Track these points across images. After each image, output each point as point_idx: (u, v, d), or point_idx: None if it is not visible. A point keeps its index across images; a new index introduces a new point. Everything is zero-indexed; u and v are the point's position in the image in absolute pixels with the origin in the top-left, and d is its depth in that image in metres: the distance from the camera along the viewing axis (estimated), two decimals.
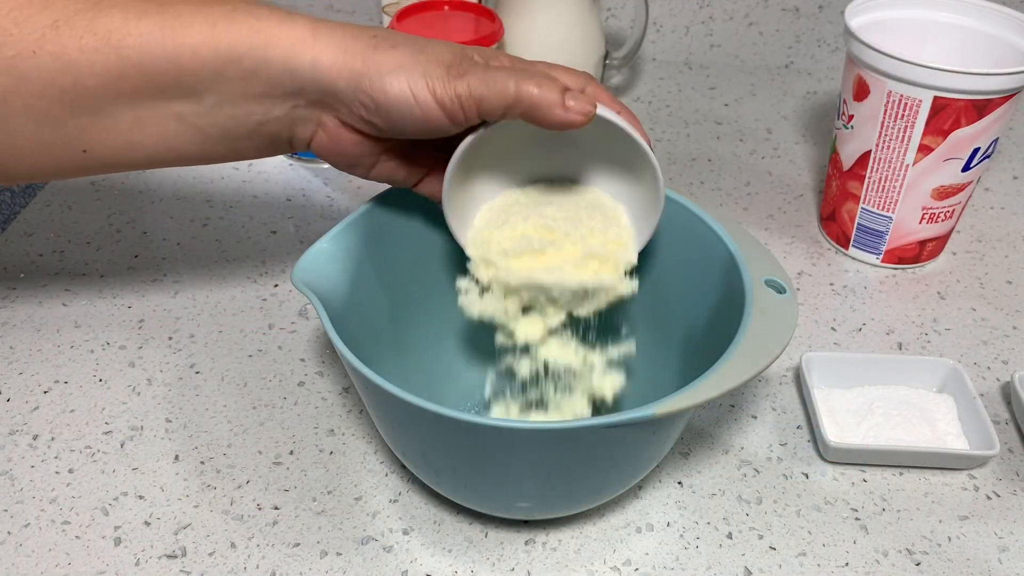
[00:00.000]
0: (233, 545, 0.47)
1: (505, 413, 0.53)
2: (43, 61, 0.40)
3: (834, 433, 0.53)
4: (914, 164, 0.62)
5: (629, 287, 0.47)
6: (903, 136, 0.61)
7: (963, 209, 0.66)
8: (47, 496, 0.49)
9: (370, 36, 0.42)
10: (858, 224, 0.67)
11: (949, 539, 0.48)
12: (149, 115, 0.43)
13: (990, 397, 0.57)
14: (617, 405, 0.54)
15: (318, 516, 0.48)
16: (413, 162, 0.47)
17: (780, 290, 0.44)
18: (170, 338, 0.59)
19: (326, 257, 0.47)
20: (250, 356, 0.58)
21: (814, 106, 0.88)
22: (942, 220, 0.65)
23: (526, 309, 0.48)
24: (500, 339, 0.49)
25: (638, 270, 0.53)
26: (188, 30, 0.41)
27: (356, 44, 0.42)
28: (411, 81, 0.41)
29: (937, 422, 0.53)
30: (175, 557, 0.46)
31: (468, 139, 0.43)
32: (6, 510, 0.48)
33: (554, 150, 0.48)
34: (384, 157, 0.46)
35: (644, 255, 0.52)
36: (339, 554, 0.47)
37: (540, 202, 0.48)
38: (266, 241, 0.68)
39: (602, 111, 0.42)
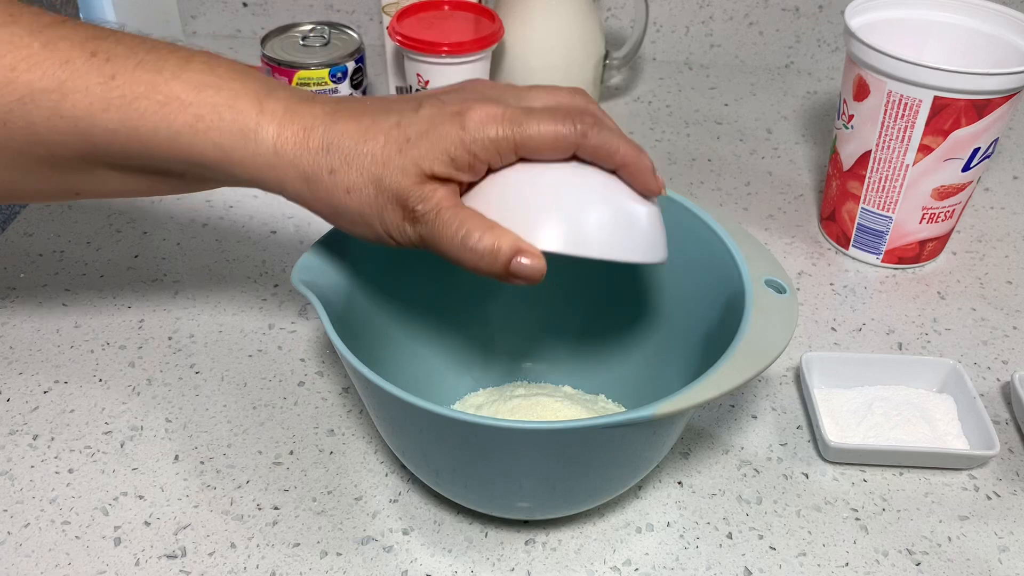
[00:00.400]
0: (233, 545, 0.47)
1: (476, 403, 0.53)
2: (15, 132, 0.41)
3: (834, 433, 0.53)
4: (914, 164, 0.62)
5: None
6: (903, 136, 0.61)
7: (963, 209, 0.66)
8: (47, 496, 0.49)
9: (324, 154, 0.40)
10: (858, 224, 0.67)
11: (949, 539, 0.48)
12: (134, 178, 0.44)
13: (990, 397, 0.57)
14: (617, 405, 0.54)
15: (318, 516, 0.48)
16: None
17: (780, 290, 0.44)
18: (170, 338, 0.59)
19: (326, 257, 0.47)
20: (250, 356, 0.58)
21: (814, 106, 0.88)
22: (942, 220, 0.65)
23: None
24: None
25: (638, 269, 0.53)
26: (154, 137, 0.41)
27: (314, 166, 0.41)
28: (369, 227, 0.42)
29: (937, 422, 0.53)
30: (175, 557, 0.46)
31: None
32: (6, 510, 0.48)
33: None
34: None
35: None
36: (339, 554, 0.47)
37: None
38: (266, 241, 0.68)
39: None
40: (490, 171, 0.41)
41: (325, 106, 0.41)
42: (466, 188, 0.41)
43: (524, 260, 0.40)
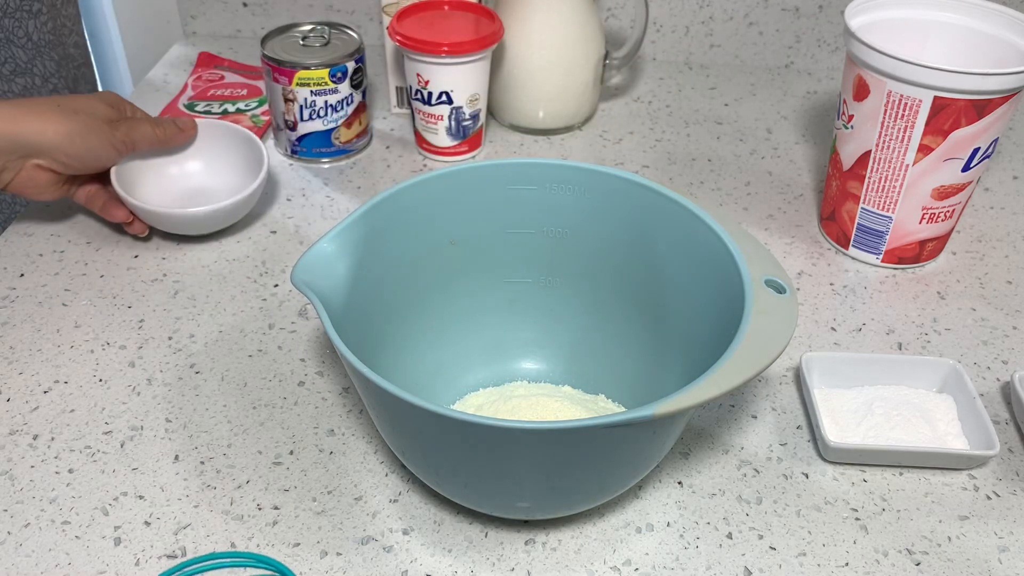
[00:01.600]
0: (233, 545, 0.47)
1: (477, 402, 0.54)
2: None
3: (834, 433, 0.53)
4: (914, 164, 0.62)
5: None
6: (903, 136, 0.61)
7: (963, 209, 0.66)
8: (47, 496, 0.49)
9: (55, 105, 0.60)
10: (858, 224, 0.67)
11: (949, 539, 0.48)
12: None
13: (990, 397, 0.57)
14: (617, 405, 0.54)
15: (318, 516, 0.48)
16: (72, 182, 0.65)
17: (780, 290, 0.44)
18: (170, 338, 0.59)
19: (326, 257, 0.47)
20: (250, 356, 0.58)
21: (814, 106, 0.88)
22: (942, 220, 0.65)
23: None
24: None
25: (638, 269, 0.53)
26: None
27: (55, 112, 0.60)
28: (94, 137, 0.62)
29: (937, 422, 0.53)
30: (175, 557, 0.46)
31: None
32: (6, 510, 0.48)
33: None
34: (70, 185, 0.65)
35: (644, 255, 0.52)
36: (339, 554, 0.47)
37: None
38: (266, 241, 0.68)
39: None
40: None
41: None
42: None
43: (115, 208, 0.65)
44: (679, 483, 0.51)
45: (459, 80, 0.73)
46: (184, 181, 0.70)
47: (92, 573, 0.45)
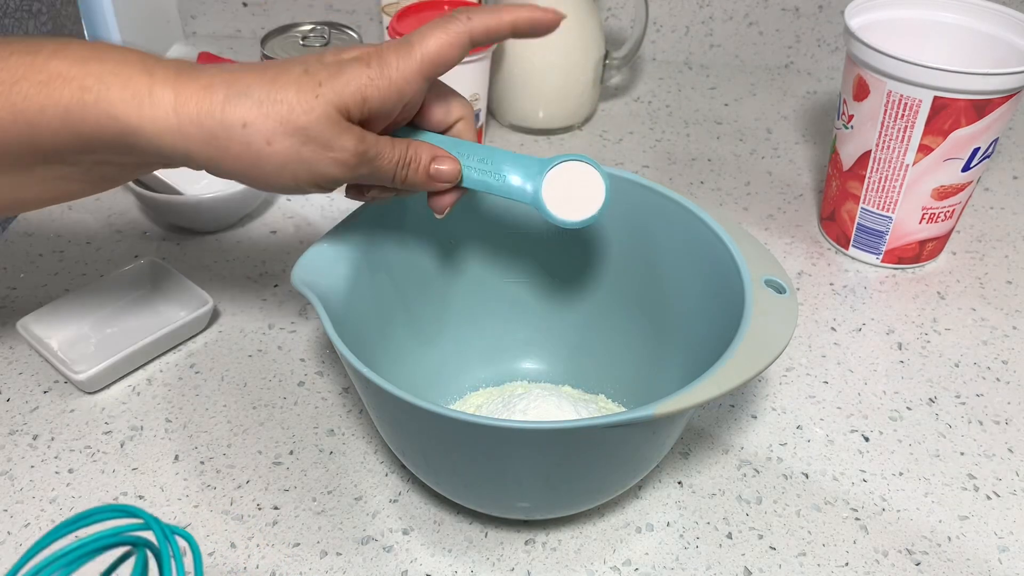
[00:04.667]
0: (233, 545, 0.47)
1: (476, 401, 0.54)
2: None
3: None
4: (914, 164, 0.62)
5: None
6: (903, 136, 0.61)
7: (963, 209, 0.66)
8: (47, 496, 0.49)
9: (233, 107, 0.39)
10: (858, 224, 0.67)
11: (949, 539, 0.48)
12: (26, 180, 0.42)
13: (990, 397, 0.57)
14: (617, 405, 0.54)
15: (318, 516, 0.48)
16: None
17: (780, 290, 0.44)
18: None
19: (326, 257, 0.47)
20: (250, 356, 0.58)
21: (814, 106, 0.88)
22: (942, 220, 0.65)
23: None
24: None
25: (638, 269, 0.53)
26: (42, 117, 0.39)
27: (223, 121, 0.39)
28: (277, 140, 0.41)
29: None
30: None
31: None
32: (6, 510, 0.48)
33: None
34: None
35: (644, 254, 0.52)
36: (339, 554, 0.47)
37: None
38: (266, 241, 0.68)
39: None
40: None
41: (219, 67, 0.41)
42: None
43: (440, 166, 0.44)
44: (679, 483, 0.51)
45: (459, 80, 0.73)
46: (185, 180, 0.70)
47: (92, 573, 0.45)
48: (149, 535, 0.30)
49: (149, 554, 0.30)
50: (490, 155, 0.45)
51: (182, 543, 0.40)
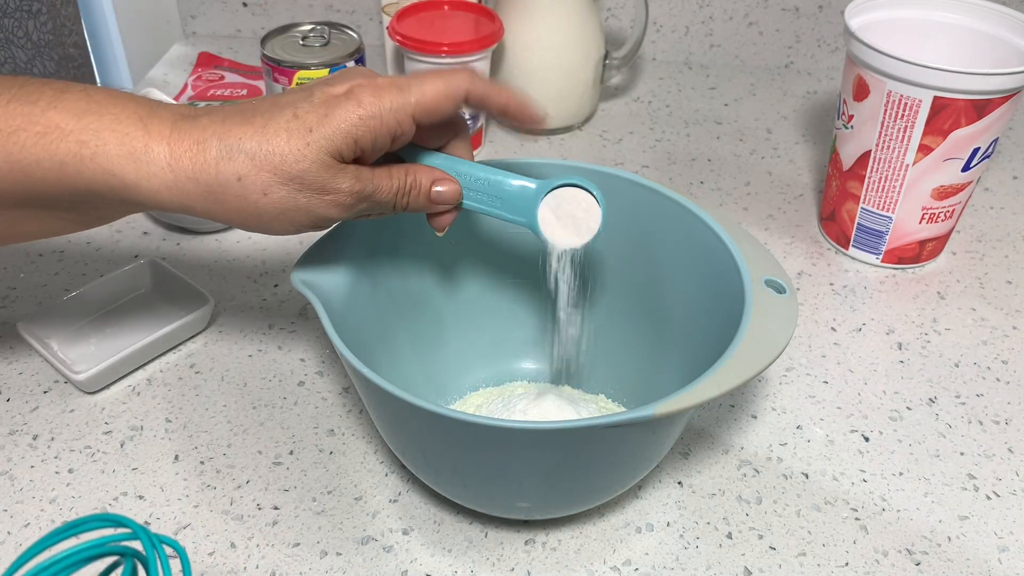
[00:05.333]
0: (233, 545, 0.47)
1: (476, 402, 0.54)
2: None
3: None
4: (914, 164, 0.62)
5: None
6: (903, 136, 0.61)
7: (963, 209, 0.66)
8: (47, 496, 0.49)
9: (226, 162, 0.39)
10: (858, 224, 0.67)
11: (949, 539, 0.48)
12: (21, 217, 0.42)
13: (989, 397, 0.57)
14: (617, 405, 0.54)
15: (318, 516, 0.48)
16: None
17: (780, 290, 0.44)
18: None
19: (326, 257, 0.47)
20: (250, 356, 0.58)
21: (814, 106, 0.88)
22: (942, 220, 0.65)
23: None
24: None
25: (638, 269, 0.53)
26: (38, 169, 0.39)
27: (218, 176, 0.40)
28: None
29: None
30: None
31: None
32: (6, 510, 0.48)
33: None
34: None
35: (644, 255, 0.52)
36: (339, 554, 0.47)
37: None
38: (266, 241, 0.68)
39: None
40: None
41: (212, 116, 0.40)
42: None
43: (440, 188, 0.44)
44: (679, 483, 0.51)
45: None
46: None
47: (92, 573, 0.45)
48: (138, 544, 0.30)
49: (138, 564, 0.30)
50: (489, 176, 0.46)
51: (171, 553, 0.40)
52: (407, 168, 0.44)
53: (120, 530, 0.29)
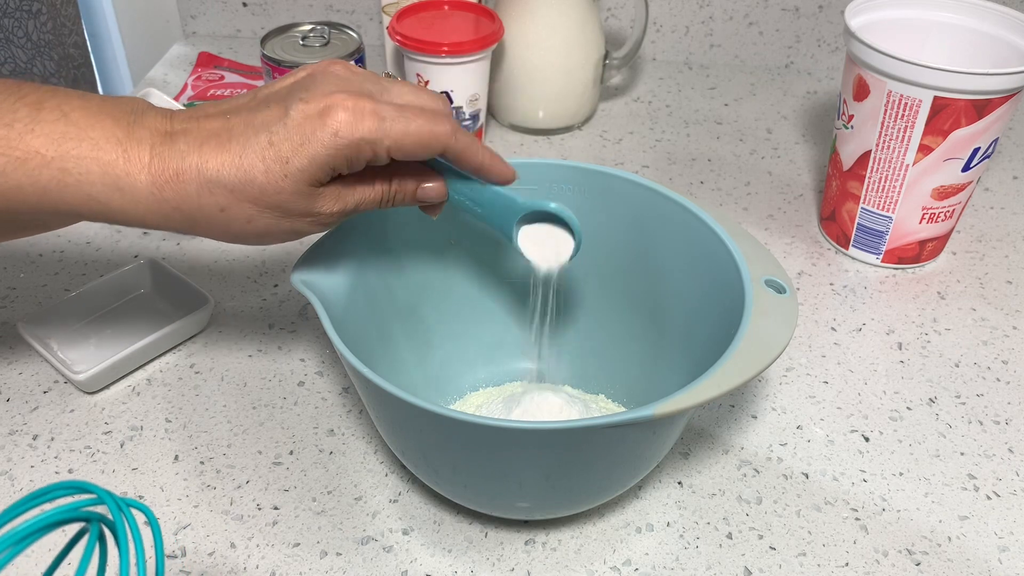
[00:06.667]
0: (233, 545, 0.47)
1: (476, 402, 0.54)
2: None
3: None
4: (914, 164, 0.62)
5: None
6: (903, 136, 0.61)
7: (963, 209, 0.66)
8: None
9: (208, 195, 0.40)
10: (858, 224, 0.67)
11: (949, 539, 0.48)
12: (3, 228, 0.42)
13: (989, 397, 0.57)
14: (617, 405, 0.54)
15: (318, 516, 0.48)
16: None
17: (780, 290, 0.44)
18: None
19: (326, 257, 0.47)
20: (250, 356, 0.58)
21: (814, 106, 0.88)
22: (942, 220, 0.65)
23: None
24: None
25: (638, 269, 0.53)
26: (20, 194, 0.39)
27: (201, 208, 0.40)
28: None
29: None
30: (175, 557, 0.46)
31: None
32: None
33: None
34: None
35: (644, 254, 0.52)
36: (339, 554, 0.47)
37: None
38: None
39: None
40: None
41: (189, 139, 0.40)
42: None
43: (426, 185, 0.44)
44: (679, 483, 0.51)
45: (459, 80, 0.73)
46: None
47: (92, 573, 0.45)
48: (104, 509, 0.29)
49: (106, 530, 0.30)
50: (477, 191, 0.45)
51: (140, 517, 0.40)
52: (391, 174, 0.43)
53: (86, 496, 0.29)
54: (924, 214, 0.64)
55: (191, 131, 0.40)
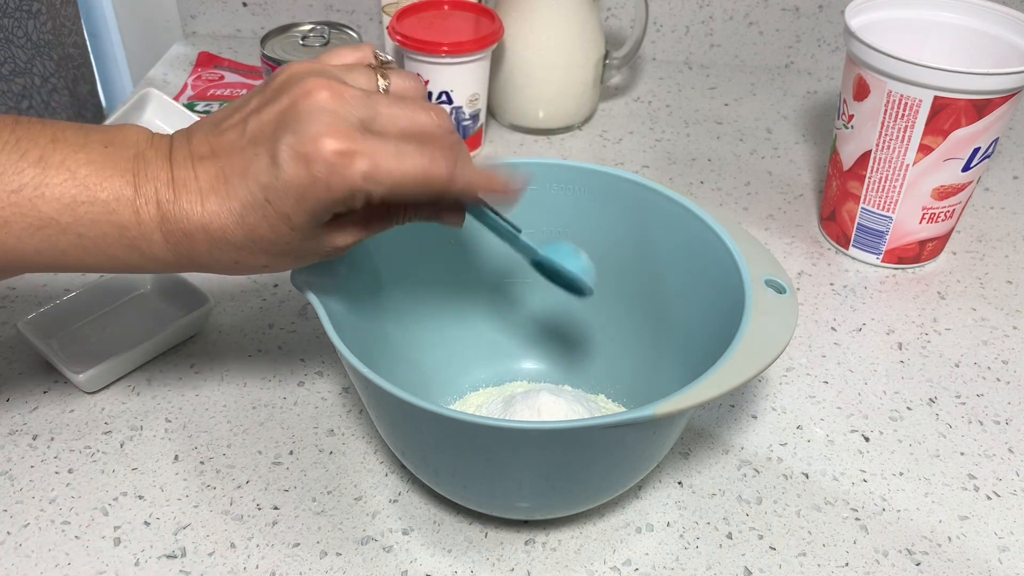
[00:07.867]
0: (233, 545, 0.47)
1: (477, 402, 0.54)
2: None
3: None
4: (914, 164, 0.62)
5: None
6: (903, 136, 0.61)
7: (963, 209, 0.66)
8: (47, 496, 0.49)
9: (219, 252, 0.40)
10: (858, 224, 0.67)
11: (949, 539, 0.48)
12: None
13: (988, 397, 0.57)
14: (617, 405, 0.54)
15: (318, 516, 0.48)
16: None
17: (780, 290, 0.44)
18: None
19: None
20: (250, 356, 0.58)
21: (814, 106, 0.88)
22: (942, 220, 0.65)
23: None
24: None
25: (638, 269, 0.53)
26: (38, 258, 0.39)
27: (214, 263, 0.41)
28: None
29: None
30: (175, 557, 0.46)
31: None
32: (6, 510, 0.48)
33: None
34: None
35: (644, 255, 0.52)
36: (339, 554, 0.47)
37: None
38: None
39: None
40: None
41: (190, 194, 0.39)
42: None
43: (445, 213, 0.44)
44: (679, 483, 0.51)
45: (459, 80, 0.73)
46: None
47: (91, 573, 0.45)
48: None
49: None
50: (498, 227, 0.46)
51: None
52: (405, 210, 0.43)
53: None
54: (924, 214, 0.64)
55: (189, 184, 0.39)
